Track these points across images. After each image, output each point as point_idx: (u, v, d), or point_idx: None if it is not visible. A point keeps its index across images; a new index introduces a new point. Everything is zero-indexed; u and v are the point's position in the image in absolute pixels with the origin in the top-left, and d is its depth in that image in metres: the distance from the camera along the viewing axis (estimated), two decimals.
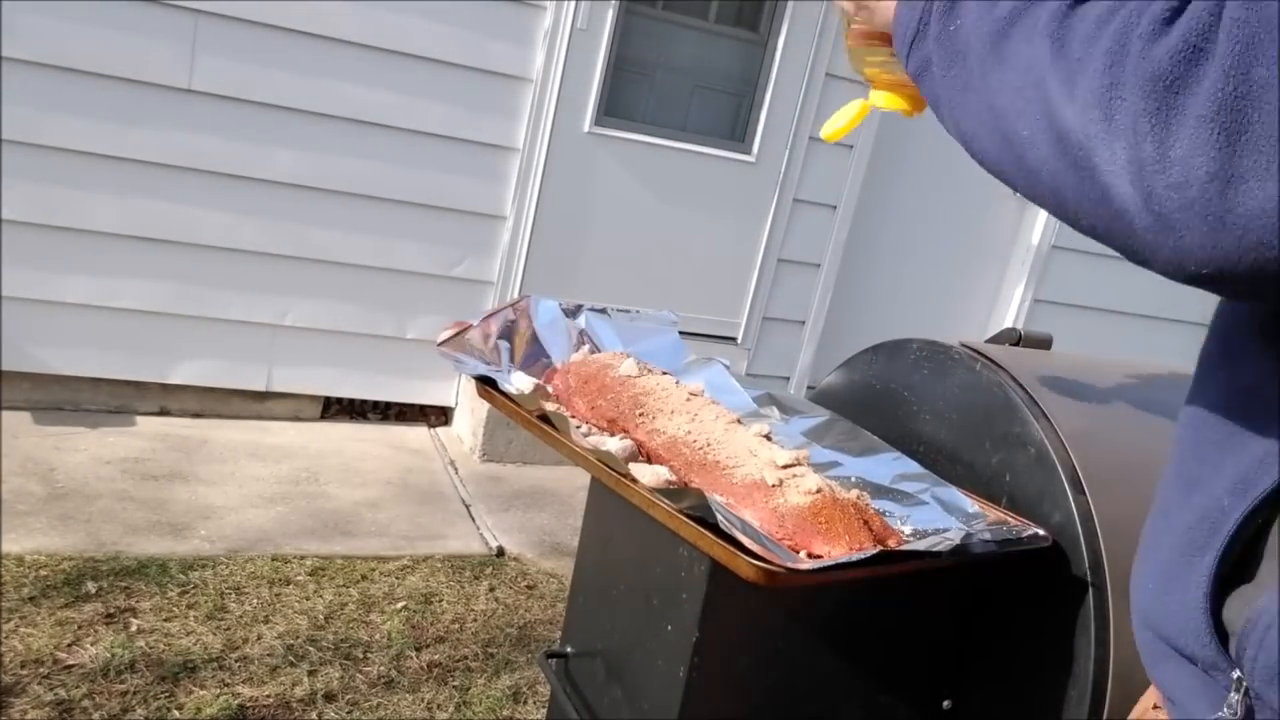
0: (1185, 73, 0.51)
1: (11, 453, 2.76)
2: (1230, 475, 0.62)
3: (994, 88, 0.63)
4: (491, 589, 2.58)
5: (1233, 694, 0.62)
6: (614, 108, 3.46)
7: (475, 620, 2.43)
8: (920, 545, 0.96)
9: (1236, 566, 0.63)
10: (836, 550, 0.92)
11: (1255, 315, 0.64)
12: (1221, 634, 0.63)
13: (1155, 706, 0.76)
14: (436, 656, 2.26)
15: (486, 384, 1.17)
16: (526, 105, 3.35)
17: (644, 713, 1.14)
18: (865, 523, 0.96)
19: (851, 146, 3.75)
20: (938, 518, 1.09)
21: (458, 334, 1.24)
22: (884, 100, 0.91)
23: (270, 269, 3.23)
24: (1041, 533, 1.05)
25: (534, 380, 1.21)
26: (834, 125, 0.96)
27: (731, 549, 0.85)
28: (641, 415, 1.13)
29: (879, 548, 0.91)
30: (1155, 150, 0.52)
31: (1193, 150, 0.50)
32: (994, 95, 0.63)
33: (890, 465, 1.19)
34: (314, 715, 2.00)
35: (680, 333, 1.42)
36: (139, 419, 3.19)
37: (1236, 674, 0.62)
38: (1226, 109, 0.49)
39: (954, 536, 0.98)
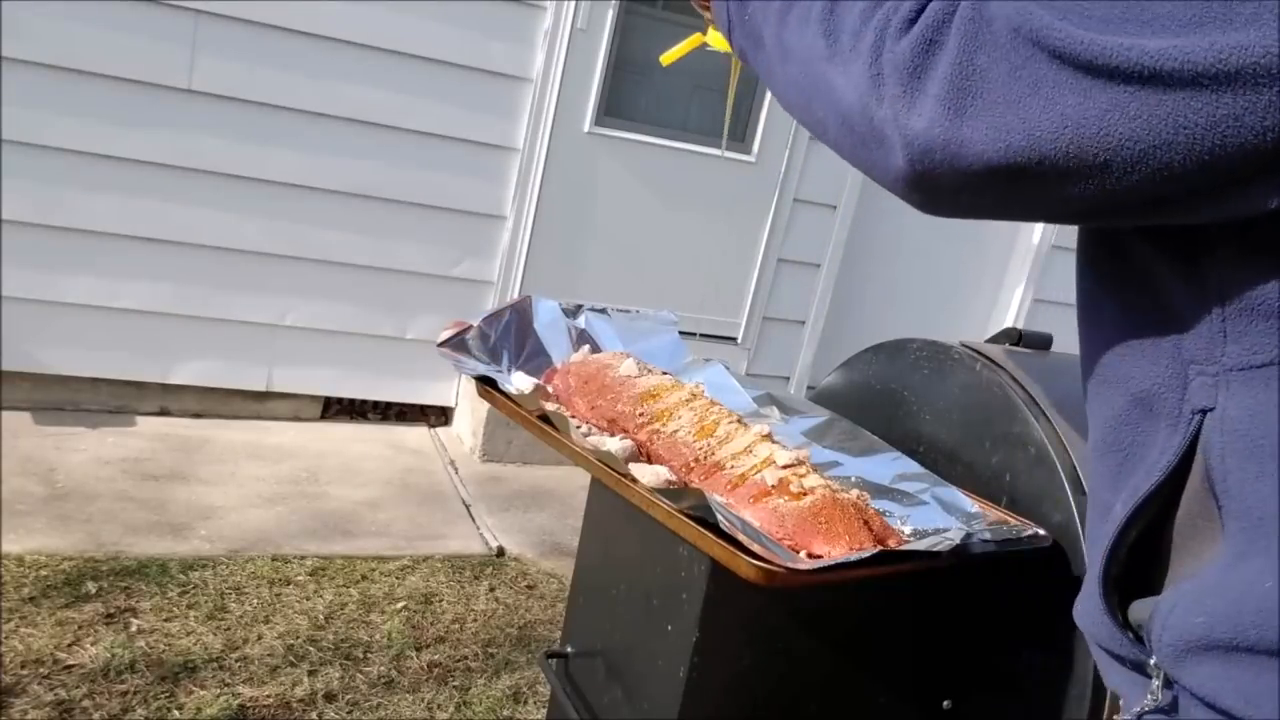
0: (923, 61, 0.61)
1: (11, 453, 2.76)
2: (1126, 489, 0.68)
3: (791, 75, 0.74)
4: (491, 589, 2.58)
5: (1154, 681, 0.66)
6: (614, 108, 3.46)
7: (475, 620, 2.43)
8: (920, 545, 0.96)
9: (1137, 571, 0.68)
10: (836, 550, 0.92)
11: (1136, 328, 0.68)
12: (1134, 630, 0.68)
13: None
14: (436, 656, 2.26)
15: (486, 384, 1.17)
16: (526, 105, 3.35)
17: (644, 713, 1.14)
18: (865, 523, 0.96)
19: None
20: (938, 518, 1.09)
21: (458, 334, 1.23)
22: (718, 41, 0.95)
23: (270, 269, 3.23)
24: (1042, 533, 1.05)
25: (534, 380, 1.21)
26: (670, 52, 1.06)
27: (731, 549, 0.85)
28: (641, 415, 1.13)
29: (879, 548, 0.91)
30: (907, 122, 0.62)
31: (932, 121, 0.61)
32: (792, 81, 0.74)
33: (890, 465, 1.19)
34: (314, 715, 2.00)
35: (680, 333, 1.42)
36: (139, 419, 3.19)
37: (1153, 660, 0.65)
38: (956, 88, 0.60)
39: (954, 536, 0.97)
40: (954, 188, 0.62)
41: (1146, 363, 0.65)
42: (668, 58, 1.08)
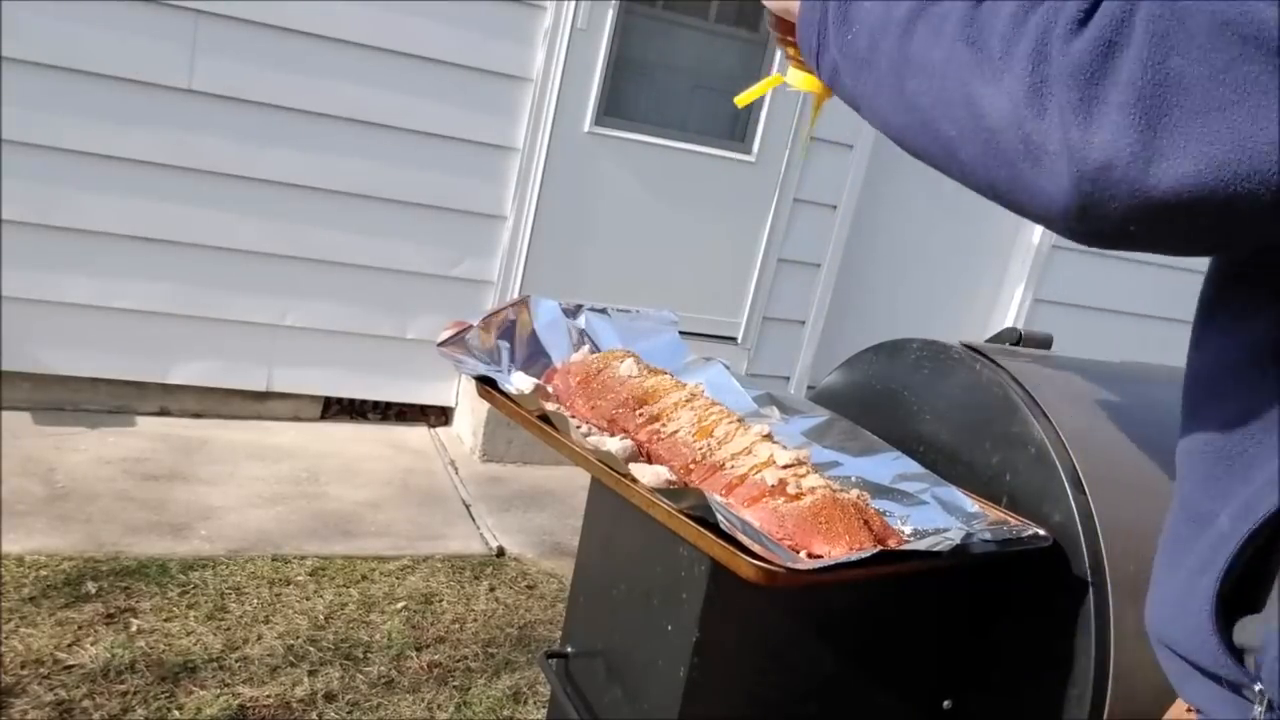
0: (1102, 65, 0.54)
1: (11, 453, 2.76)
2: (1235, 501, 0.63)
3: (912, 91, 0.65)
4: (491, 589, 2.58)
5: (1257, 707, 0.63)
6: (614, 108, 3.46)
7: (475, 620, 2.43)
8: (920, 545, 0.96)
9: (1242, 588, 0.64)
10: (836, 550, 0.92)
11: (1255, 342, 0.64)
12: (1236, 650, 0.64)
13: (1189, 710, 0.76)
14: (436, 657, 2.26)
15: (486, 384, 1.17)
16: (526, 105, 3.35)
17: (644, 713, 1.13)
18: (865, 523, 0.96)
19: (851, 146, 3.75)
20: (938, 517, 1.09)
21: (458, 334, 1.23)
22: (799, 81, 0.92)
23: (270, 269, 3.23)
24: (1042, 532, 1.04)
25: (534, 380, 1.21)
26: (746, 94, 1.03)
27: (731, 549, 0.85)
28: (641, 415, 1.13)
29: (879, 548, 0.91)
30: (1081, 136, 0.55)
31: (1117, 134, 0.54)
32: (913, 98, 0.65)
33: (890, 465, 1.19)
34: (314, 715, 2.00)
35: (680, 332, 1.42)
36: (139, 419, 3.19)
37: (1259, 687, 0.62)
38: (1147, 96, 0.53)
39: (954, 536, 0.97)
40: (1127, 215, 0.55)
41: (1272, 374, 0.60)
42: (743, 100, 1.03)
